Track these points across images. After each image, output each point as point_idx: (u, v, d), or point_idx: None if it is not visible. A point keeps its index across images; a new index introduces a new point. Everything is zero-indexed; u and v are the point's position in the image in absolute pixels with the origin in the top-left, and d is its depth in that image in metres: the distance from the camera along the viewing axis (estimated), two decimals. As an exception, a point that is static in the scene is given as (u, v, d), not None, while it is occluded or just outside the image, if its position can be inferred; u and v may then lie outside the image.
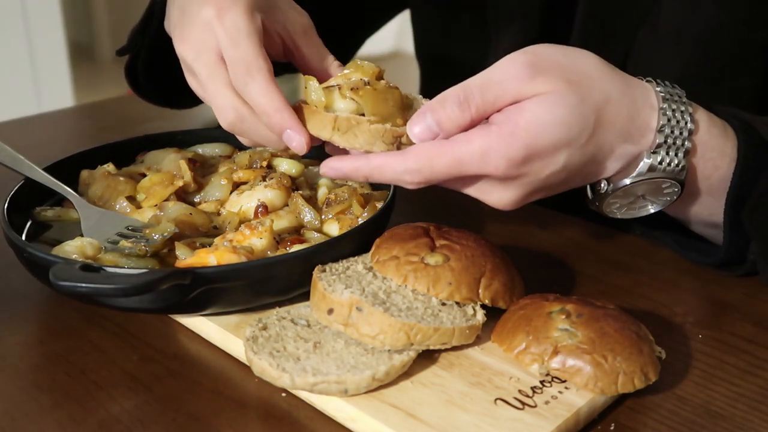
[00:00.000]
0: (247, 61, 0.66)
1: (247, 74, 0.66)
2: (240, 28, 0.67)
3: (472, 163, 0.62)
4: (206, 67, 0.68)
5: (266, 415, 0.57)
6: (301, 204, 0.75)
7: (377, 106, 0.66)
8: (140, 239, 0.70)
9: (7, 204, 0.74)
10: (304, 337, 0.60)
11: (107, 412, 0.58)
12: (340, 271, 0.65)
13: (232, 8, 0.68)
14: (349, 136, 0.66)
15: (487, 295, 0.62)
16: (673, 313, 0.70)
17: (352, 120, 0.65)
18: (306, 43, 0.76)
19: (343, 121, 0.66)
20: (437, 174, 0.62)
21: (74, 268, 0.59)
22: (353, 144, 0.66)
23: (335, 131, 0.66)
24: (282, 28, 0.74)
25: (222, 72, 0.68)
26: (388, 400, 0.56)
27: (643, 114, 0.65)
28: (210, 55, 0.68)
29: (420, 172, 0.62)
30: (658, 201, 0.70)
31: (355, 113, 0.67)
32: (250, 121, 0.68)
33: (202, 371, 0.62)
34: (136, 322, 0.68)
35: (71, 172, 0.83)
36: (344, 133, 0.66)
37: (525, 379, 0.58)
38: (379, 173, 0.64)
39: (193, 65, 0.69)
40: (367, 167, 0.64)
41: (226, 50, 0.67)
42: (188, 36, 0.70)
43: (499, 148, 0.61)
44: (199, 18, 0.69)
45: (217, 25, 0.68)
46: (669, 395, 0.59)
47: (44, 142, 1.19)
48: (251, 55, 0.66)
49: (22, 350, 0.66)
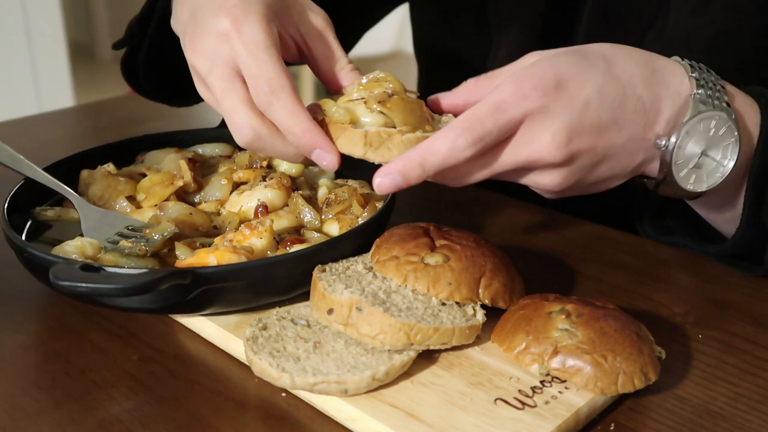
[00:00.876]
0: (270, 79, 0.63)
1: (270, 93, 0.63)
2: (259, 41, 0.64)
3: (509, 100, 0.61)
4: (221, 81, 0.66)
5: (266, 415, 0.57)
6: (301, 204, 0.75)
7: (407, 116, 0.65)
8: (140, 239, 0.70)
9: (7, 204, 0.74)
10: (304, 337, 0.60)
11: (107, 412, 0.58)
12: (340, 271, 0.65)
13: (249, 19, 0.65)
14: (383, 150, 0.64)
15: (487, 295, 0.62)
16: (673, 313, 0.70)
17: (382, 134, 0.64)
18: (320, 46, 0.73)
19: (374, 136, 0.64)
20: (486, 125, 0.61)
21: (74, 268, 0.59)
22: (388, 158, 0.64)
23: (367, 147, 0.64)
24: (295, 30, 0.71)
25: (238, 87, 0.65)
26: (388, 400, 0.56)
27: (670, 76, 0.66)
28: (225, 69, 0.65)
29: (470, 129, 0.61)
30: (721, 158, 0.68)
31: (382, 126, 0.65)
32: (268, 139, 0.66)
33: (202, 371, 0.62)
34: (136, 322, 0.68)
35: (71, 172, 0.83)
36: (377, 149, 0.64)
37: (525, 379, 0.58)
38: (432, 153, 0.61)
39: (207, 78, 0.67)
40: (417, 155, 0.61)
41: (246, 67, 0.64)
42: (201, 46, 0.67)
43: (529, 77, 0.62)
44: (213, 28, 0.66)
45: (234, 39, 0.64)
46: (669, 395, 0.59)
47: (44, 142, 1.19)
48: (273, 72, 0.64)
49: (22, 350, 0.66)
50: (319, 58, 0.73)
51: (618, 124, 0.64)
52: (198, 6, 0.69)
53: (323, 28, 0.73)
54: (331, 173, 0.84)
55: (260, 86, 0.63)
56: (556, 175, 0.65)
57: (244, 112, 0.65)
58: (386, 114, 0.65)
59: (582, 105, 0.63)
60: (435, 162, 0.61)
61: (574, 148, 0.63)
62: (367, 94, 0.67)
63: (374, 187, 0.62)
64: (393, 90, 0.67)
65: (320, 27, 0.73)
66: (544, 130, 0.62)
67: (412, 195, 0.73)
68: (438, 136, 0.61)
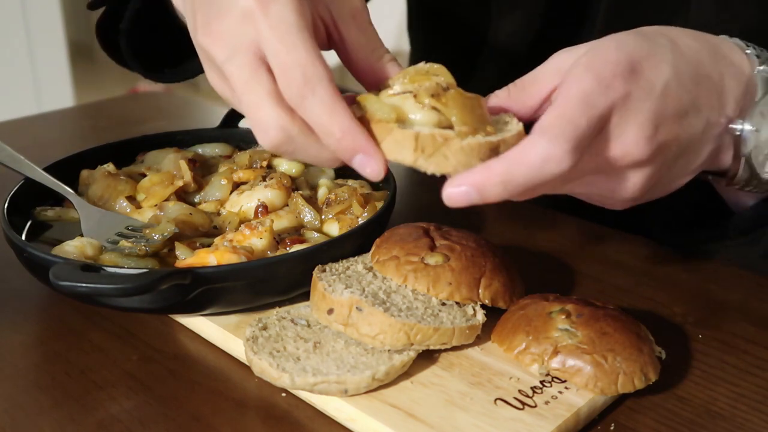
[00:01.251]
0: (304, 67, 0.53)
1: (304, 85, 0.53)
2: (290, 22, 0.54)
3: (594, 91, 0.52)
4: (244, 71, 0.55)
5: (266, 415, 0.57)
6: (301, 204, 0.75)
7: (466, 113, 0.54)
8: (140, 239, 0.70)
9: (7, 204, 0.74)
10: (304, 337, 0.60)
11: (107, 412, 0.58)
12: (340, 271, 0.64)
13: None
14: (438, 158, 0.53)
15: (487, 295, 0.62)
16: (673, 313, 0.70)
17: (437, 137, 0.53)
18: (354, 30, 0.61)
19: (427, 140, 0.53)
20: (579, 125, 0.51)
21: (74, 268, 0.59)
22: (444, 168, 0.53)
23: (419, 153, 0.53)
24: (326, 11, 0.60)
25: (264, 78, 0.55)
26: (388, 400, 0.56)
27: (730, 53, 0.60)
28: (248, 57, 0.55)
29: (563, 134, 0.51)
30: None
31: (434, 125, 0.55)
32: (300, 141, 0.55)
33: (202, 371, 0.62)
34: (136, 322, 0.68)
35: (71, 172, 0.83)
36: (431, 155, 0.53)
37: (525, 379, 0.58)
38: (521, 167, 0.51)
39: (224, 67, 0.56)
40: (501, 169, 0.51)
41: (274, 54, 0.54)
42: (219, 29, 0.56)
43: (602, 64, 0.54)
44: (234, 6, 0.55)
45: (260, 19, 0.54)
46: (669, 395, 0.59)
47: (44, 142, 1.19)
48: (308, 60, 0.53)
49: (22, 350, 0.66)
50: (352, 46, 0.61)
51: (696, 107, 0.57)
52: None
53: (359, 10, 0.62)
54: (330, 172, 0.84)
55: (292, 76, 0.53)
56: (641, 175, 0.57)
57: (272, 107, 0.54)
58: (441, 111, 0.54)
59: (662, 88, 0.55)
60: (523, 179, 0.51)
61: (661, 139, 0.55)
62: (415, 87, 0.56)
63: (444, 197, 0.52)
64: (447, 83, 0.57)
65: (356, 8, 0.61)
66: (629, 122, 0.54)
67: (412, 195, 0.72)
68: (526, 146, 0.51)
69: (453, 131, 0.54)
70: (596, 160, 0.55)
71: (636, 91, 0.54)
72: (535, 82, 0.58)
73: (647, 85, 0.54)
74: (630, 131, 0.54)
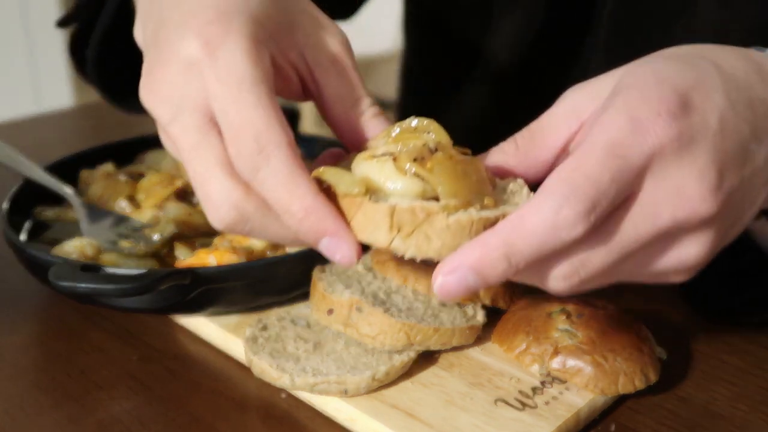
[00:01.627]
0: (258, 132, 0.44)
1: (258, 153, 0.44)
2: (242, 74, 0.45)
3: (625, 139, 0.42)
4: (189, 135, 0.46)
5: (266, 415, 0.57)
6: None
7: (456, 182, 0.44)
8: (140, 239, 0.70)
9: (7, 204, 0.74)
10: (304, 338, 0.60)
11: (107, 412, 0.58)
12: (340, 271, 0.64)
13: (229, 41, 0.45)
14: (419, 238, 0.43)
15: (487, 295, 0.62)
16: (674, 314, 0.70)
17: (417, 211, 0.43)
18: (333, 79, 0.52)
19: (404, 216, 0.43)
20: (600, 182, 0.41)
21: (74, 268, 0.59)
22: (425, 251, 0.43)
23: (394, 232, 0.43)
24: (299, 57, 0.51)
25: (214, 143, 0.45)
26: (388, 400, 0.56)
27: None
28: (194, 117, 0.46)
29: (577, 192, 0.41)
30: None
31: (418, 197, 0.45)
32: (257, 220, 0.46)
33: (202, 371, 0.62)
34: (136, 322, 0.68)
35: (71, 172, 0.83)
36: (409, 235, 0.43)
37: (525, 379, 0.58)
38: (524, 235, 0.41)
39: (169, 129, 0.47)
40: (499, 239, 0.42)
41: (223, 113, 0.45)
42: (161, 83, 0.47)
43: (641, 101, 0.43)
44: (177, 55, 0.46)
45: (207, 69, 0.45)
46: (669, 395, 0.59)
47: (44, 142, 1.19)
48: (263, 122, 0.44)
49: (22, 350, 0.66)
50: (331, 98, 0.52)
51: (757, 137, 0.46)
52: (163, 20, 0.49)
53: (339, 54, 0.52)
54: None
55: (243, 143, 0.44)
56: (708, 235, 0.44)
57: (222, 180, 0.45)
58: (425, 178, 0.45)
59: (718, 123, 0.44)
60: (529, 249, 0.41)
61: (728, 185, 0.43)
62: (397, 149, 0.47)
63: (435, 289, 0.43)
64: (437, 144, 0.47)
65: (335, 53, 0.52)
66: (684, 171, 0.43)
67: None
68: (529, 209, 0.41)
69: (438, 204, 0.44)
70: (648, 227, 0.43)
71: (689, 132, 0.43)
72: (546, 129, 0.49)
73: (701, 122, 0.43)
74: (689, 184, 0.42)
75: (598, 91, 0.47)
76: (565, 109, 0.48)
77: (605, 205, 0.41)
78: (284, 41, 0.50)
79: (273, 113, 0.45)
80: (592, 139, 0.42)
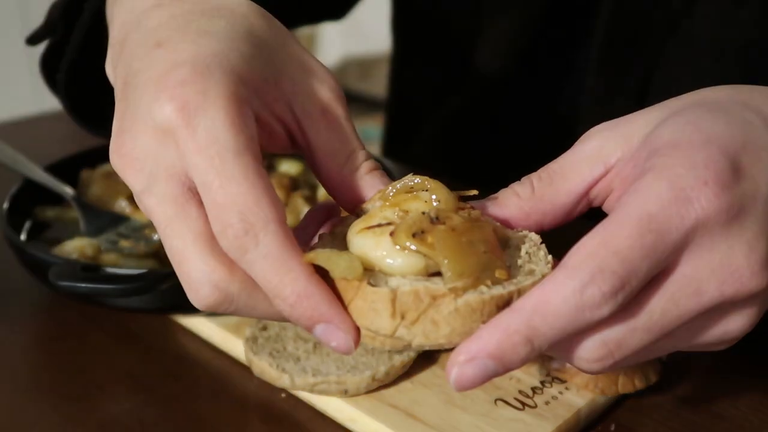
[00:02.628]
0: (244, 210, 0.39)
1: (245, 234, 0.39)
2: (225, 144, 0.39)
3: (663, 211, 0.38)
4: (165, 207, 0.41)
5: (266, 415, 0.57)
6: (301, 204, 0.75)
7: (463, 258, 0.40)
8: (140, 239, 0.70)
9: (7, 204, 0.74)
10: (303, 338, 0.60)
11: (107, 412, 0.58)
12: (340, 271, 0.64)
13: (206, 105, 0.40)
14: (425, 325, 0.39)
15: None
16: (674, 314, 0.70)
17: (422, 296, 0.39)
18: (324, 131, 0.46)
19: (407, 301, 0.39)
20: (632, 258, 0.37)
21: (74, 268, 0.59)
22: (434, 339, 0.39)
23: (398, 319, 0.39)
24: (285, 109, 0.45)
25: (193, 217, 0.41)
26: (388, 400, 0.56)
27: None
28: (171, 186, 0.41)
29: (605, 270, 0.37)
30: None
31: (420, 273, 0.40)
32: (243, 300, 0.41)
33: (202, 371, 0.62)
34: (136, 322, 0.68)
35: (71, 172, 0.83)
36: (414, 323, 0.39)
37: (525, 379, 0.58)
38: (546, 314, 0.37)
39: (143, 198, 0.42)
40: (521, 320, 0.37)
41: (205, 187, 0.40)
42: (132, 147, 0.42)
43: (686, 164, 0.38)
44: (149, 118, 0.41)
45: (183, 138, 0.40)
46: (669, 395, 0.59)
47: (44, 142, 1.19)
48: (249, 198, 0.39)
49: (22, 350, 0.66)
50: (321, 152, 0.46)
51: None
52: (134, 71, 0.43)
53: (330, 103, 0.47)
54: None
55: (228, 221, 0.39)
56: (754, 308, 0.41)
57: (203, 259, 0.40)
58: (427, 255, 0.40)
59: None
60: (552, 332, 0.37)
61: None
62: (395, 216, 0.42)
63: (451, 381, 0.38)
64: (438, 209, 0.42)
65: (325, 102, 0.47)
66: (732, 242, 0.39)
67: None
68: (551, 287, 0.37)
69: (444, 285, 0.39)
70: (691, 305, 0.39)
71: (738, 202, 0.38)
72: (568, 172, 0.44)
73: (751, 188, 0.39)
74: (737, 257, 0.38)
75: (630, 134, 0.43)
76: (589, 150, 0.44)
77: (635, 284, 0.37)
78: (269, 94, 0.44)
79: (261, 187, 0.40)
80: (627, 209, 0.38)
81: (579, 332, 0.38)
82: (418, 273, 0.40)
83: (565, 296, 0.37)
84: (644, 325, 0.39)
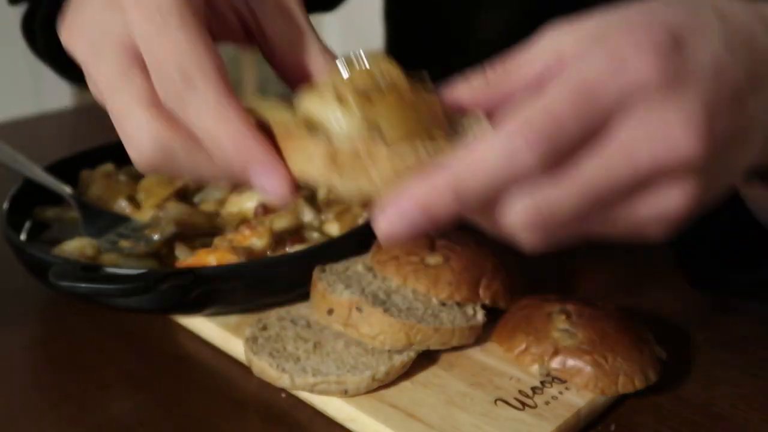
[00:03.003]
0: (182, 59, 0.40)
1: (183, 81, 0.40)
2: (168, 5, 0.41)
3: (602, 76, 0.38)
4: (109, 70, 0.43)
5: (266, 415, 0.57)
6: (301, 204, 0.75)
7: (403, 119, 0.41)
8: (140, 239, 0.70)
9: (7, 204, 0.74)
10: (304, 338, 0.60)
11: (107, 412, 0.58)
12: (340, 271, 0.64)
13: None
14: (358, 173, 0.39)
15: (487, 295, 0.62)
16: (673, 313, 0.70)
17: (359, 146, 0.39)
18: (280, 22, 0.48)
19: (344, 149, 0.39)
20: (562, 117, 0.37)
21: (74, 268, 0.59)
22: (368, 188, 0.39)
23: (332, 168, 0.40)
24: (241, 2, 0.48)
25: (135, 80, 0.43)
26: (388, 400, 0.56)
27: None
28: (116, 53, 0.43)
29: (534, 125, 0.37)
30: None
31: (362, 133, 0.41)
32: (184, 156, 0.42)
33: (202, 371, 0.62)
34: (136, 322, 0.68)
35: (71, 172, 0.82)
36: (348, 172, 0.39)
37: (525, 379, 0.58)
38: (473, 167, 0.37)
39: (90, 69, 0.44)
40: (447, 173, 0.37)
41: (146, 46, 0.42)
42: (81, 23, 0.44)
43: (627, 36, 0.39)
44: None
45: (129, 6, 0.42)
46: (669, 395, 0.59)
47: (44, 142, 1.19)
48: (188, 48, 0.41)
49: (22, 350, 0.66)
50: (276, 39, 0.48)
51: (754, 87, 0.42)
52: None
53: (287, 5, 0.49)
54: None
55: (166, 72, 0.41)
56: (691, 184, 0.40)
57: (143, 114, 0.42)
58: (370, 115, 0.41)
59: (714, 66, 0.40)
60: (477, 182, 0.37)
61: (717, 131, 0.39)
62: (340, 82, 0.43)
63: (377, 231, 0.38)
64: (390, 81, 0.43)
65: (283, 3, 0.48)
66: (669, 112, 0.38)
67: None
68: (480, 142, 0.37)
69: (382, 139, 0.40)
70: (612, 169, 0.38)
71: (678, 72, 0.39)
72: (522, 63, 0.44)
73: (694, 63, 0.39)
74: (674, 125, 0.38)
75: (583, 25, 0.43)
76: (543, 42, 0.43)
77: (564, 141, 0.37)
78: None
79: (199, 38, 0.41)
80: (565, 74, 0.38)
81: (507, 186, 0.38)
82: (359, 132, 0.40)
83: (492, 147, 0.37)
84: (575, 186, 0.38)
